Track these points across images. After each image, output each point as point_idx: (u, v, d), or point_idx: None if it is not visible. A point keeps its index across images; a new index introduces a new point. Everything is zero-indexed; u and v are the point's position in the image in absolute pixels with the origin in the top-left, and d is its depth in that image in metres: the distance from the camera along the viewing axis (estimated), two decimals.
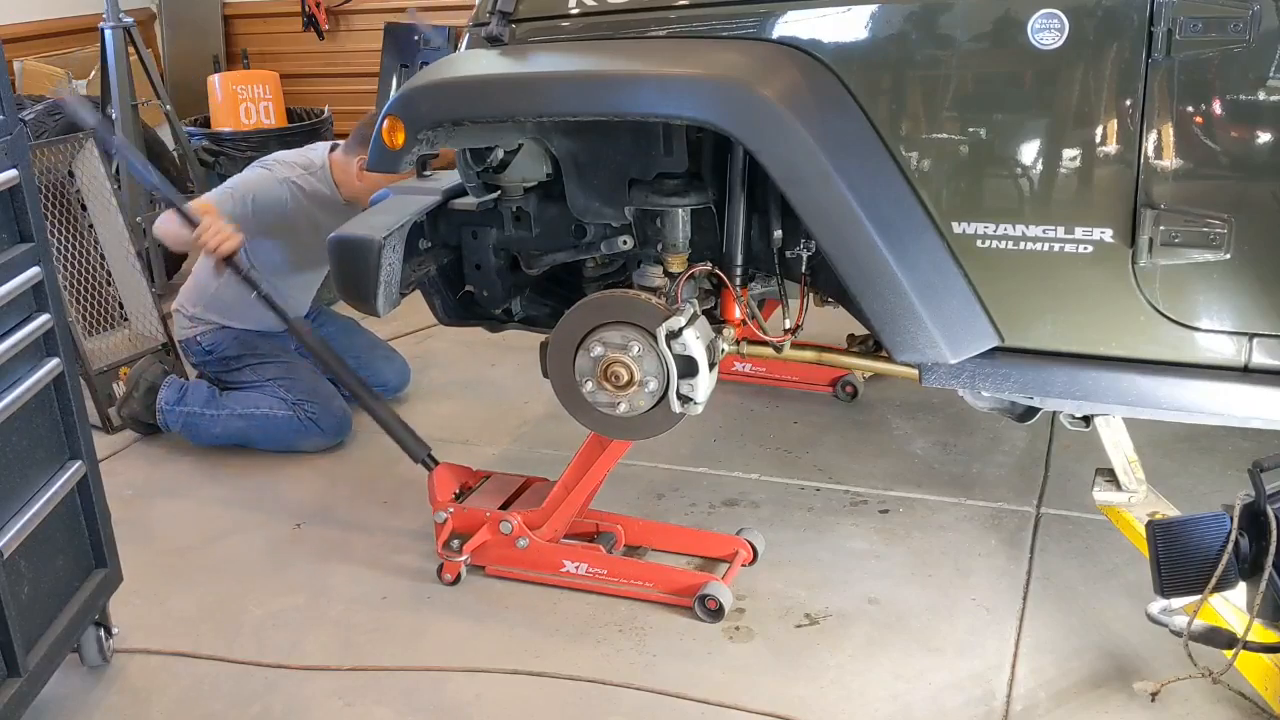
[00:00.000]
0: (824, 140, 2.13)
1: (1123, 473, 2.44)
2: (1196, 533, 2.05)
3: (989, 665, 2.42)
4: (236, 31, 6.80)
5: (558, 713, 2.35)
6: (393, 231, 2.52)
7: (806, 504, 3.10)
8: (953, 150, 2.17)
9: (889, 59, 2.16)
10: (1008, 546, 2.84)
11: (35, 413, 2.20)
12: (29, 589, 2.16)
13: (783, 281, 2.57)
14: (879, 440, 3.44)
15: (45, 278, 2.21)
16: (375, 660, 2.53)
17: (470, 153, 2.57)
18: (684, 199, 2.47)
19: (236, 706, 2.40)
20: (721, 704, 2.33)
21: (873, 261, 2.18)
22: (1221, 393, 2.14)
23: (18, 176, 2.13)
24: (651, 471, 3.28)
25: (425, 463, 2.87)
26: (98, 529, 2.40)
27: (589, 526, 2.86)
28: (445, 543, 2.78)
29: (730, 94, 2.16)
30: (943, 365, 2.27)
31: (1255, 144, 2.03)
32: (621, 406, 2.49)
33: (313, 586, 2.82)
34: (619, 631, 2.58)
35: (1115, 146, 2.07)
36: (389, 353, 3.88)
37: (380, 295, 2.53)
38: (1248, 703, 2.22)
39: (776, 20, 2.22)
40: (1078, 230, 2.12)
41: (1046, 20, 2.03)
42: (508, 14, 2.45)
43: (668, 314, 2.40)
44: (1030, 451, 3.31)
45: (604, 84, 2.26)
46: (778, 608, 2.64)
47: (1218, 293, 2.10)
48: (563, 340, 2.51)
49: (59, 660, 2.28)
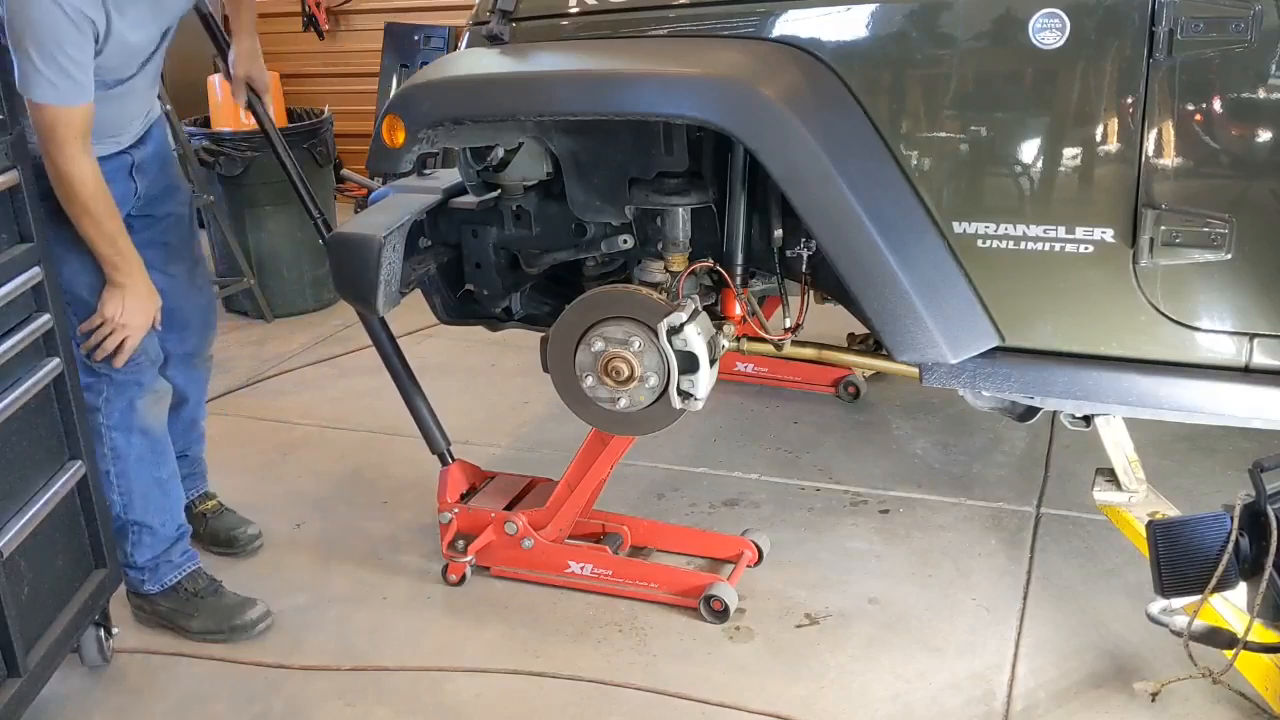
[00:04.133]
0: (824, 139, 2.13)
1: (1123, 473, 2.44)
2: (1197, 533, 2.05)
3: (989, 665, 2.42)
4: None
5: (558, 713, 2.34)
6: (393, 230, 2.52)
7: (807, 504, 3.09)
8: (953, 149, 2.16)
9: (890, 58, 2.16)
10: (1008, 546, 2.84)
11: (35, 413, 2.20)
12: (29, 589, 2.16)
13: (783, 280, 2.57)
14: (879, 440, 3.44)
15: (45, 278, 2.21)
16: (375, 660, 2.53)
17: (470, 151, 2.57)
18: (684, 198, 2.46)
19: (236, 706, 2.40)
20: (722, 704, 2.33)
21: (873, 261, 2.18)
22: (1222, 393, 2.14)
23: (18, 176, 2.13)
24: (652, 471, 3.28)
25: (443, 456, 2.86)
26: (98, 529, 2.40)
27: (595, 527, 2.86)
28: (450, 543, 2.78)
29: (731, 93, 2.16)
30: (943, 365, 2.27)
31: (1256, 144, 2.02)
32: (622, 402, 2.49)
33: (313, 586, 2.82)
34: (619, 631, 2.58)
35: (1116, 146, 2.07)
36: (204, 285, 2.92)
37: (380, 293, 2.52)
38: (1248, 703, 2.21)
39: (777, 19, 2.22)
40: (1079, 230, 2.12)
41: (1048, 19, 2.02)
42: (508, 12, 2.45)
43: (669, 309, 2.40)
44: (1030, 451, 3.31)
45: (605, 83, 2.26)
46: (778, 608, 2.64)
47: (1219, 293, 2.10)
48: (564, 334, 2.51)
49: (59, 660, 2.28)
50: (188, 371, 2.82)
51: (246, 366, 4.29)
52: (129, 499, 2.55)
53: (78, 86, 2.20)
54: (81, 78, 2.20)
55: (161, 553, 2.62)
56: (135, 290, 2.39)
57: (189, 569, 2.66)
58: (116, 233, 2.34)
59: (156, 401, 2.57)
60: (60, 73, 2.16)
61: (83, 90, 2.21)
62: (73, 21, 2.14)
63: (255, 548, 3.00)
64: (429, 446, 2.87)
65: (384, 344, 2.86)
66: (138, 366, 2.48)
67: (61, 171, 2.23)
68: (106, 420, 2.48)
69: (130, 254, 2.37)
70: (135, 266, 2.39)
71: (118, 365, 2.43)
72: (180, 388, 2.76)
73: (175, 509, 2.66)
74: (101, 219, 2.30)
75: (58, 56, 2.14)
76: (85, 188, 2.26)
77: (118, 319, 2.38)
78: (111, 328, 2.38)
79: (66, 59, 2.15)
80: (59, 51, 2.14)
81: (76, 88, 2.19)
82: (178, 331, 2.69)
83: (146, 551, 2.60)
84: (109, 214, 2.32)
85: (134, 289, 2.38)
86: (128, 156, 2.51)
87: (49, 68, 2.14)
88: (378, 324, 2.83)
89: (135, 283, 2.39)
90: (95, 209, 2.29)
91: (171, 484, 2.64)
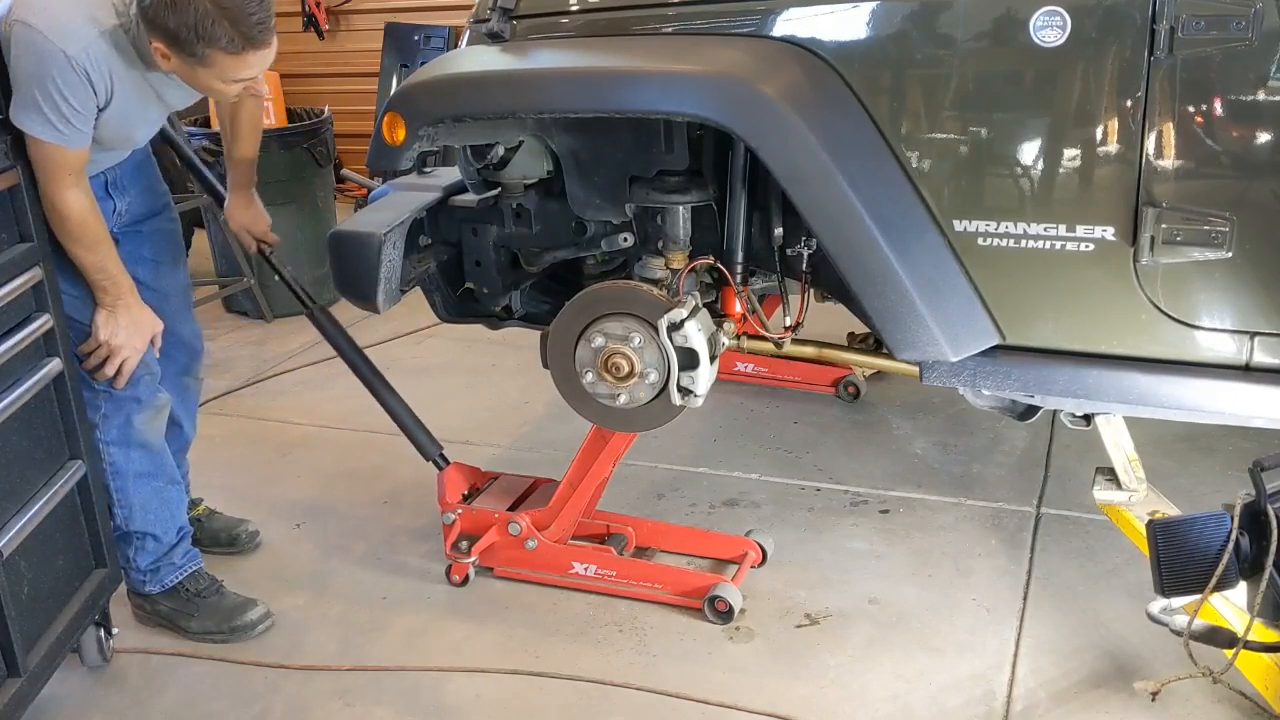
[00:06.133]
0: (825, 138, 2.13)
1: (1123, 472, 2.44)
2: (1197, 532, 2.05)
3: (989, 665, 2.41)
4: None
5: (558, 713, 2.34)
6: (393, 228, 2.52)
7: (807, 504, 3.09)
8: (954, 148, 2.16)
9: (891, 56, 2.16)
10: (1008, 546, 2.84)
11: (35, 413, 2.20)
12: (29, 589, 2.15)
13: (783, 279, 2.56)
14: (879, 440, 3.43)
15: (45, 278, 2.20)
16: (375, 660, 2.52)
17: (471, 150, 2.57)
18: (685, 196, 2.46)
19: (236, 706, 2.40)
20: (722, 704, 2.33)
21: (874, 259, 2.18)
22: (1223, 391, 2.14)
23: (18, 176, 2.13)
24: (652, 471, 3.28)
25: (437, 461, 2.86)
26: (98, 529, 2.40)
27: (600, 528, 2.86)
28: (454, 544, 2.78)
29: (732, 91, 2.16)
30: (944, 363, 2.26)
31: (1257, 142, 2.02)
32: (621, 398, 2.49)
33: (313, 586, 2.82)
34: (619, 632, 2.58)
35: (1117, 145, 2.07)
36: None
37: (381, 292, 2.52)
38: (1248, 702, 2.21)
39: (778, 17, 2.22)
40: (1079, 228, 2.12)
41: (1049, 18, 2.02)
42: (509, 10, 2.45)
43: (670, 306, 2.40)
44: (1030, 451, 3.31)
45: (605, 80, 2.26)
46: (778, 608, 2.64)
47: (1219, 291, 2.10)
48: (564, 330, 2.51)
49: (59, 660, 2.28)
50: (180, 393, 2.79)
51: (246, 366, 4.29)
52: (129, 511, 2.54)
53: (77, 133, 2.19)
54: (82, 127, 2.20)
55: (163, 556, 2.62)
56: (129, 314, 2.38)
57: (191, 569, 2.66)
58: (106, 258, 2.33)
59: (156, 416, 2.57)
60: (61, 118, 2.15)
61: (81, 137, 2.20)
62: (79, 78, 2.14)
63: (256, 544, 3.01)
64: (421, 454, 2.87)
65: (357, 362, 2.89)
66: (135, 381, 2.47)
67: (51, 201, 2.22)
68: (104, 436, 2.47)
69: (120, 278, 2.36)
70: (125, 290, 2.37)
71: (118, 387, 2.43)
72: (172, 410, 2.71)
73: (177, 514, 2.65)
74: (90, 246, 2.30)
75: (59, 104, 2.14)
76: (72, 217, 2.25)
77: (113, 341, 2.37)
78: (108, 351, 2.37)
79: (69, 107, 2.15)
80: (62, 100, 2.14)
81: (76, 134, 2.19)
82: (168, 351, 2.65)
83: (149, 557, 2.60)
84: (96, 240, 2.31)
85: (126, 312, 2.37)
86: (101, 177, 2.47)
87: (51, 110, 2.13)
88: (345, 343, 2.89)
89: (127, 305, 2.38)
90: (83, 237, 2.28)
91: (171, 491, 2.63)
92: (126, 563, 2.59)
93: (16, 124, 2.14)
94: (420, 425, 2.88)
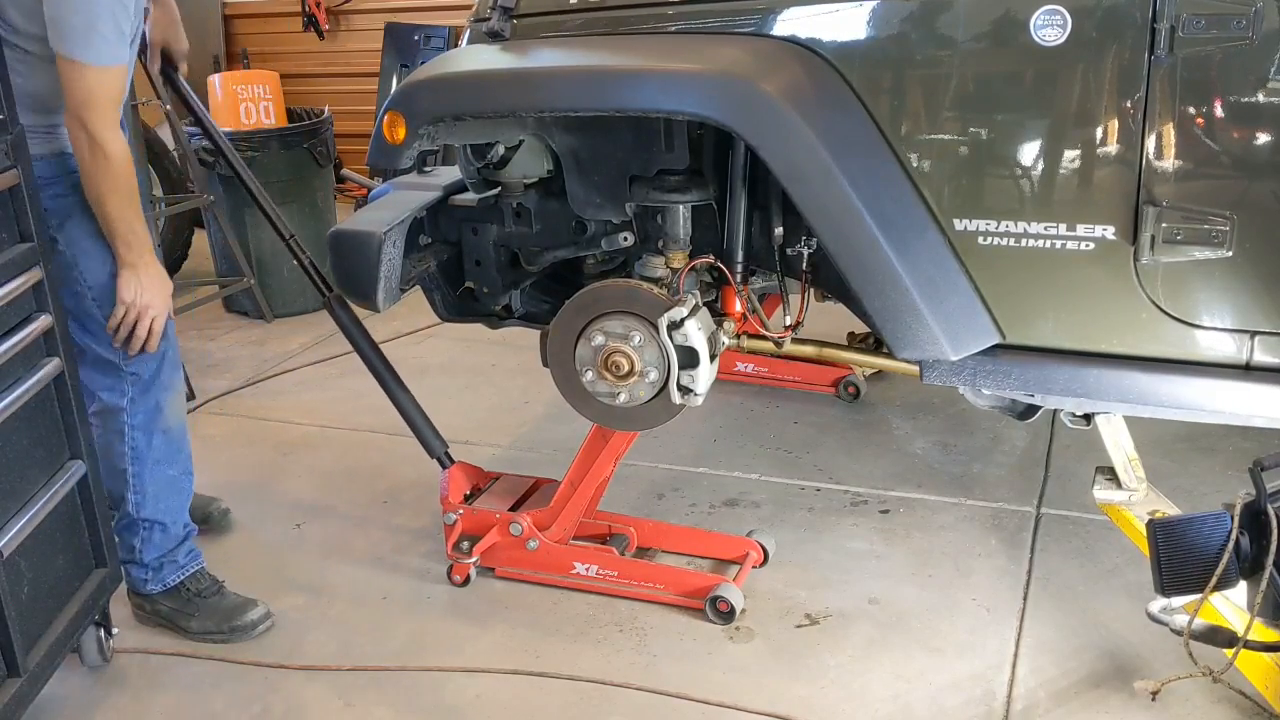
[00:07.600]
0: (826, 137, 2.13)
1: (1123, 471, 2.44)
2: (1197, 531, 2.05)
3: (989, 665, 2.41)
4: (236, 31, 6.81)
5: (558, 713, 2.34)
6: (393, 226, 2.52)
7: (807, 504, 3.09)
8: (955, 147, 2.16)
9: (891, 56, 2.16)
10: (1008, 546, 2.84)
11: (35, 413, 2.20)
12: (29, 589, 2.15)
13: (783, 278, 2.56)
14: (879, 440, 3.43)
15: (45, 278, 2.20)
16: (375, 660, 2.52)
17: (471, 148, 2.57)
18: (685, 195, 2.46)
19: (236, 706, 2.40)
20: (722, 704, 2.33)
21: (874, 258, 2.18)
22: (1223, 391, 2.14)
23: (18, 176, 2.13)
24: (652, 471, 3.28)
25: (442, 460, 2.86)
26: (98, 529, 2.40)
27: (601, 529, 2.85)
28: (455, 544, 2.78)
29: (732, 90, 2.16)
30: (944, 362, 2.26)
31: (1257, 141, 2.02)
32: (621, 397, 2.48)
33: (313, 586, 2.82)
34: (619, 631, 2.58)
35: (1117, 144, 2.07)
36: None
37: (380, 290, 2.52)
38: (1248, 702, 2.21)
39: (779, 16, 2.22)
40: (1079, 228, 2.12)
41: (1049, 17, 2.02)
42: (509, 9, 2.45)
43: (670, 304, 2.40)
44: (1030, 451, 3.31)
45: (606, 79, 2.26)
46: (778, 608, 2.64)
47: (1219, 290, 2.10)
48: (564, 329, 2.51)
49: (59, 660, 2.28)
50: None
51: (246, 366, 4.29)
52: (143, 497, 2.55)
53: (125, 44, 2.21)
54: (127, 36, 2.22)
55: (168, 551, 2.62)
56: (148, 270, 2.37)
57: (192, 569, 2.66)
58: (136, 213, 2.33)
59: (180, 400, 2.60)
60: (118, 32, 2.16)
61: (126, 49, 2.23)
62: None
63: (228, 522, 3.10)
64: (427, 452, 2.87)
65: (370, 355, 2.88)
66: (173, 366, 2.50)
67: (100, 140, 2.21)
68: (131, 420, 2.48)
69: (144, 234, 2.36)
70: (147, 247, 2.38)
71: (151, 350, 2.42)
72: None
73: (185, 507, 2.66)
74: (128, 196, 2.29)
75: (117, 14, 2.15)
76: (118, 159, 2.24)
77: (139, 300, 2.36)
78: (137, 311, 2.36)
79: (125, 16, 2.16)
80: (120, 8, 2.15)
81: (124, 45, 2.21)
82: None
83: (155, 549, 2.60)
84: (133, 190, 2.31)
85: (146, 269, 2.37)
86: None
87: (110, 27, 2.14)
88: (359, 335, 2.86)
89: (147, 262, 2.37)
90: (125, 184, 2.28)
91: (183, 480, 2.65)
92: (130, 556, 2.59)
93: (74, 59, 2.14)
94: (428, 423, 2.88)
